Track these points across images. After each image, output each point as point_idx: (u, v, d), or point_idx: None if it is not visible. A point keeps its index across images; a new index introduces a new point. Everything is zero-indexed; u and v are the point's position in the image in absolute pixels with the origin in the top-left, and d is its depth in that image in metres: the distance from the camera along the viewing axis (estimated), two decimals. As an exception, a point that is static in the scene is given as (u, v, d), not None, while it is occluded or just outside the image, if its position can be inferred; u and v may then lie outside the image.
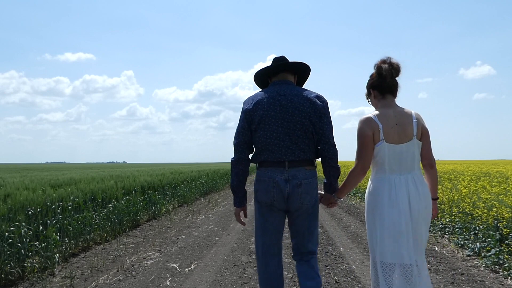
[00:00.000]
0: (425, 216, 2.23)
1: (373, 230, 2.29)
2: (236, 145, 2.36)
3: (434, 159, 2.39)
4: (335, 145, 2.34)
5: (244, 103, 2.39)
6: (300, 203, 2.27)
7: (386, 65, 2.31)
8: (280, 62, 2.40)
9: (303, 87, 2.49)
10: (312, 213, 2.36)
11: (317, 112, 2.28)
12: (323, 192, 2.47)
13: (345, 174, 16.60)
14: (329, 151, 2.30)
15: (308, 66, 2.46)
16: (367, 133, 2.25)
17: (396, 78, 2.34)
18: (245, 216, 2.49)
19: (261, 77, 2.49)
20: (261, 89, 2.48)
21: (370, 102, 2.50)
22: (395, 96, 2.37)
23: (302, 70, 2.48)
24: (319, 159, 2.41)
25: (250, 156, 2.41)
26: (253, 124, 2.31)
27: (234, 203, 2.46)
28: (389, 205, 2.20)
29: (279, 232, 2.41)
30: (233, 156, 2.38)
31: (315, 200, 2.34)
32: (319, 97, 2.35)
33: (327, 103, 2.37)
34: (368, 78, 2.45)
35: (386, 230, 2.19)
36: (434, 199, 2.36)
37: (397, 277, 2.16)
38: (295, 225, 2.37)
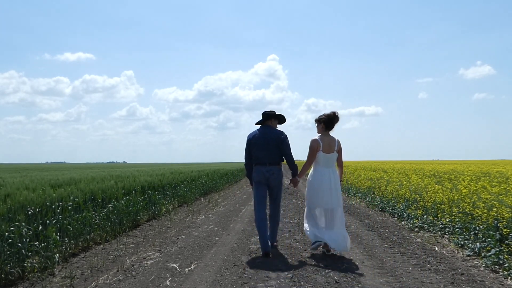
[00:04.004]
0: (336, 188, 4.66)
1: (309, 193, 4.77)
2: (245, 157, 4.99)
3: (343, 162, 4.94)
4: (292, 156, 4.90)
5: (248, 136, 4.95)
6: (274, 182, 4.84)
7: (335, 116, 4.70)
8: (266, 117, 4.93)
9: (279, 124, 5.10)
10: (278, 186, 4.94)
11: (280, 141, 4.80)
12: (291, 178, 4.96)
13: (344, 174, 16.61)
14: (289, 159, 4.93)
15: (283, 116, 5.04)
16: (314, 146, 4.69)
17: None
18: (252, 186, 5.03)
19: (259, 121, 5.00)
20: (259, 125, 5.03)
21: (316, 126, 4.85)
22: (330, 130, 4.77)
23: (280, 118, 5.03)
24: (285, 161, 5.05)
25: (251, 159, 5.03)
26: (251, 146, 4.89)
27: (250, 182, 5.07)
28: (319, 182, 4.67)
29: (263, 197, 4.89)
30: (244, 161, 5.00)
31: (280, 180, 4.91)
32: (282, 133, 4.86)
33: (286, 136, 4.86)
34: (323, 114, 4.76)
35: (315, 192, 4.69)
36: (341, 180, 4.82)
37: (319, 216, 4.73)
38: (271, 191, 4.95)
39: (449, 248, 5.04)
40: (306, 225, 4.78)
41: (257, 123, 5.04)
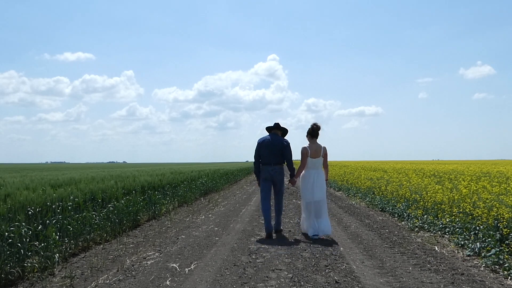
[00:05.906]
0: (321, 186, 5.81)
1: (302, 190, 5.93)
2: (255, 157, 6.02)
3: (328, 165, 6.07)
4: (291, 160, 5.99)
5: (259, 139, 6.01)
6: (277, 178, 5.92)
7: (316, 127, 5.89)
8: (275, 127, 6.02)
9: (284, 135, 6.14)
10: (281, 182, 5.99)
11: (284, 147, 5.89)
12: (289, 178, 6.15)
13: (345, 174, 16.60)
14: (288, 163, 6.02)
15: (286, 129, 6.11)
16: (305, 153, 5.84)
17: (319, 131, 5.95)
18: (260, 185, 6.06)
19: (267, 129, 6.13)
20: (268, 133, 6.12)
21: (306, 137, 5.97)
22: (316, 138, 5.92)
23: (284, 130, 6.10)
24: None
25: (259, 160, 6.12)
26: (260, 148, 5.94)
27: (256, 179, 6.14)
28: (308, 181, 5.84)
29: (268, 190, 5.99)
30: (254, 159, 6.04)
31: (282, 177, 5.99)
32: (286, 141, 5.97)
33: (289, 143, 5.97)
34: (310, 127, 5.93)
35: (304, 189, 5.89)
36: (326, 180, 5.97)
37: (311, 207, 5.77)
38: (275, 187, 6.02)
39: (449, 248, 5.04)
40: (302, 216, 6.05)
41: (267, 128, 6.15)
